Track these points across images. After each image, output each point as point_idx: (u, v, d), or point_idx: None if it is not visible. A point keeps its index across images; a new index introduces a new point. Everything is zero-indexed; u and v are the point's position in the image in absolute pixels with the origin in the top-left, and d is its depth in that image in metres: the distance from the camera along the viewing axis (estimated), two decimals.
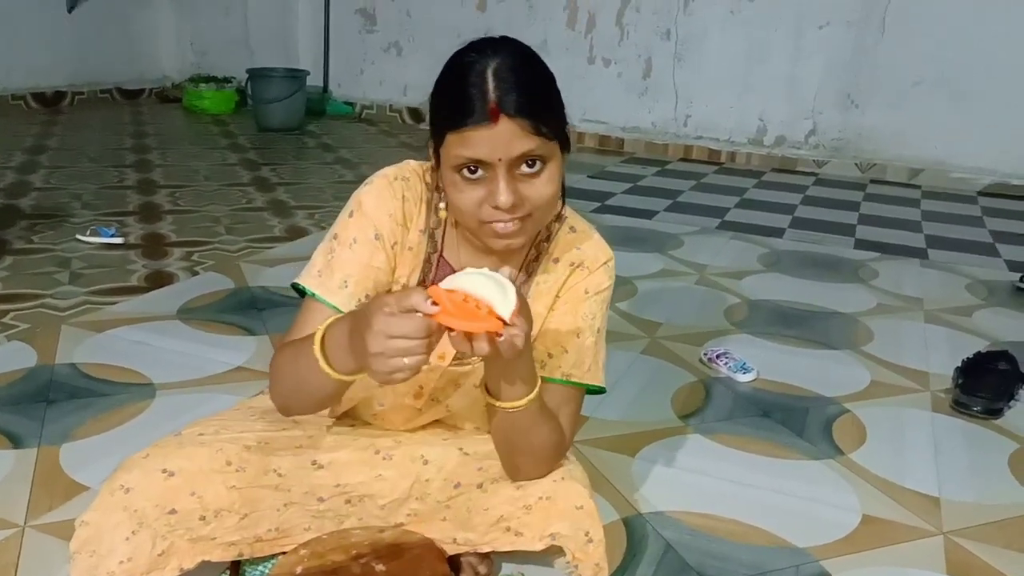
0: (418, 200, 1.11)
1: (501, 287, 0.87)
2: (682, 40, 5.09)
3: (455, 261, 1.13)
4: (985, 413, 1.92)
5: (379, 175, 1.12)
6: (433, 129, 1.01)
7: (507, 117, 0.94)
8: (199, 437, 1.12)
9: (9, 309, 2.17)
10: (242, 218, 3.20)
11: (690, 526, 1.45)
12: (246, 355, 1.99)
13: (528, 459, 1.10)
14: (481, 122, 0.94)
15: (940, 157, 4.73)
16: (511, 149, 0.95)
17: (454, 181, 0.99)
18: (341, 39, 5.92)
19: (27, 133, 4.57)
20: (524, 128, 0.95)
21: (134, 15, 5.89)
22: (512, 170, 0.97)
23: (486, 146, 0.94)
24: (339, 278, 1.08)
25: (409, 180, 1.11)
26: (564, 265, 1.15)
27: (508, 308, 0.87)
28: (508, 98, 0.94)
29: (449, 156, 0.97)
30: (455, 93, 0.96)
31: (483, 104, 0.94)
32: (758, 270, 2.98)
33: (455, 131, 0.95)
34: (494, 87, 0.94)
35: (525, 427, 1.06)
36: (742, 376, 2.04)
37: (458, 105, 0.95)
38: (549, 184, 1.00)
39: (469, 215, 0.99)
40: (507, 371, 1.01)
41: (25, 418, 1.65)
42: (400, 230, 1.10)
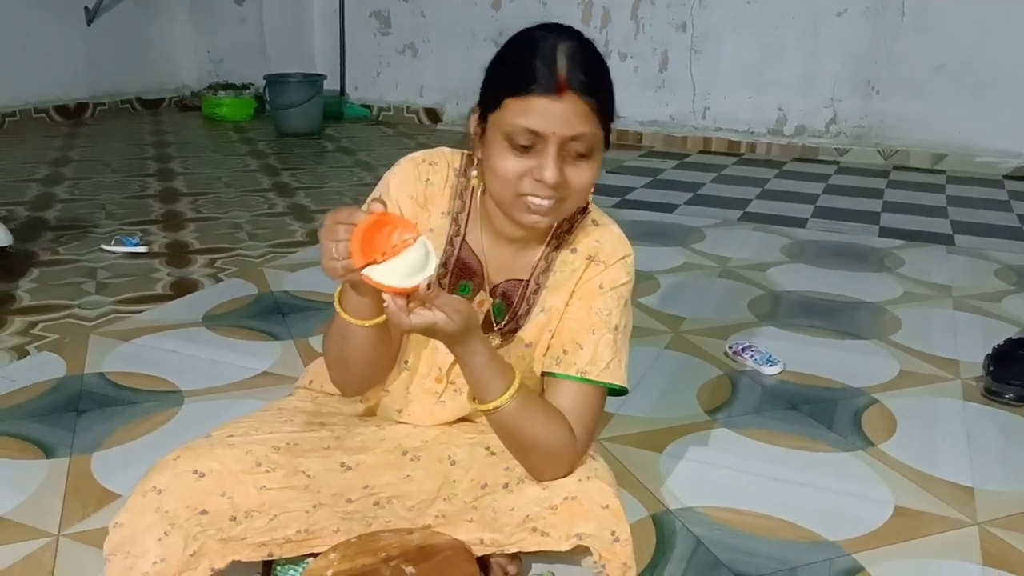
0: (443, 184, 1.14)
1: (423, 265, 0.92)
2: (698, 32, 5.06)
3: (477, 244, 1.14)
4: (1018, 400, 1.89)
5: (408, 158, 1.15)
6: (488, 94, 1.02)
7: (573, 94, 0.96)
8: (228, 439, 1.13)
9: (38, 320, 2.20)
10: (264, 224, 3.22)
11: (719, 521, 1.44)
12: (271, 360, 2.00)
13: (536, 457, 1.10)
14: (547, 92, 0.95)
15: (964, 141, 4.66)
16: (570, 127, 0.96)
17: (502, 148, 0.99)
18: (356, 42, 5.94)
19: (50, 146, 4.63)
20: (585, 109, 0.97)
21: (151, 26, 5.95)
22: (561, 149, 0.98)
23: (546, 118, 0.96)
24: None
25: (436, 164, 1.15)
26: (581, 257, 1.15)
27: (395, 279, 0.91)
28: (576, 76, 0.96)
29: (504, 122, 0.98)
30: (522, 61, 0.97)
31: (552, 75, 0.95)
32: (782, 261, 2.95)
33: (517, 96, 0.96)
34: (565, 63, 0.96)
35: (514, 426, 1.07)
36: (768, 369, 2.03)
37: (525, 72, 0.96)
38: (590, 173, 1.03)
39: (508, 184, 1.00)
40: (473, 372, 1.03)
41: (56, 428, 1.67)
42: (420, 212, 1.13)
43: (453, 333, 0.96)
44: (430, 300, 0.93)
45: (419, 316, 0.94)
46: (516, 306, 1.15)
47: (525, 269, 1.15)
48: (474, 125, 1.06)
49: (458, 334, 0.97)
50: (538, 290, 1.15)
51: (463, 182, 1.14)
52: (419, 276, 0.92)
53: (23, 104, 5.18)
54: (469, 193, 1.14)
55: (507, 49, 1.02)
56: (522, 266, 1.15)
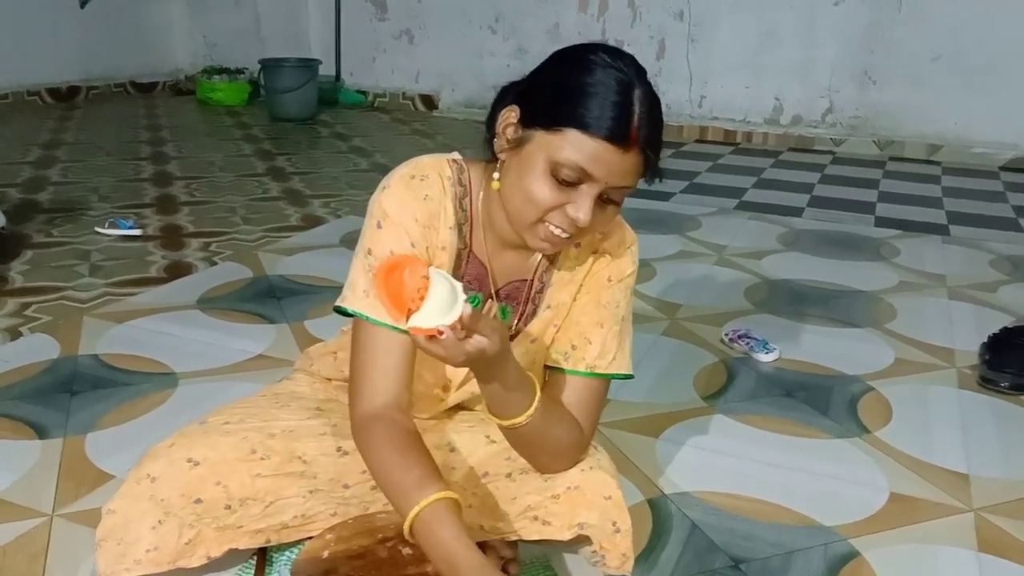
0: (442, 196, 1.07)
1: (453, 296, 0.89)
2: (695, 20, 5.04)
3: (483, 255, 1.11)
4: (1013, 389, 1.90)
5: (395, 177, 1.07)
6: (546, 111, 0.95)
7: (638, 148, 0.93)
8: (224, 426, 1.12)
9: (31, 302, 2.18)
10: (258, 208, 3.20)
11: (715, 506, 1.44)
12: (266, 343, 1.99)
13: (547, 457, 1.09)
14: (617, 141, 0.92)
15: (960, 133, 4.67)
16: (621, 178, 0.95)
17: (543, 173, 0.95)
18: (352, 27, 5.90)
19: (43, 128, 4.60)
20: (642, 165, 0.95)
21: (145, 9, 5.90)
22: (602, 193, 0.96)
23: (605, 166, 0.93)
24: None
25: (428, 178, 1.07)
26: (587, 251, 1.13)
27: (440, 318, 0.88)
28: (646, 132, 0.93)
29: (558, 152, 0.93)
30: (598, 98, 0.92)
31: (626, 126, 0.92)
32: (777, 250, 2.95)
33: (583, 133, 0.92)
34: (640, 115, 0.93)
35: (533, 437, 1.05)
36: (764, 356, 2.03)
37: (600, 112, 0.92)
38: (613, 214, 1.01)
39: (535, 210, 0.96)
40: (501, 391, 1.00)
41: (50, 409, 1.66)
42: (428, 232, 1.06)
43: (496, 354, 0.93)
44: (474, 326, 0.89)
45: (472, 343, 0.90)
46: (522, 307, 1.14)
47: (528, 270, 1.13)
48: (508, 124, 1.00)
49: (499, 356, 0.94)
50: (542, 288, 1.14)
51: (461, 191, 1.09)
52: (457, 306, 0.89)
53: (15, 86, 5.14)
54: (469, 202, 1.10)
55: (574, 71, 0.95)
56: (526, 267, 1.13)
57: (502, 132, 1.01)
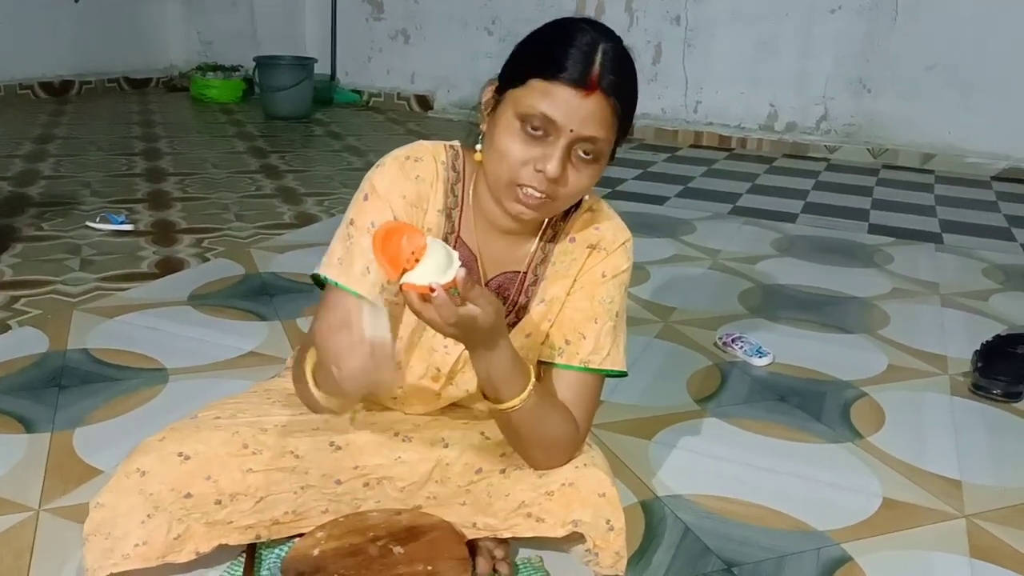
0: (434, 179, 1.09)
1: (449, 260, 0.90)
2: (692, 26, 5.05)
3: (472, 242, 1.11)
4: (1005, 396, 1.90)
5: (391, 156, 1.09)
6: (513, 69, 0.98)
7: (601, 93, 0.93)
8: (215, 420, 1.10)
9: (21, 295, 2.16)
10: (251, 205, 3.18)
11: (708, 509, 1.43)
12: (257, 340, 1.98)
13: (540, 451, 1.08)
14: (576, 83, 0.92)
15: (953, 142, 4.69)
16: (587, 126, 0.94)
17: (511, 128, 0.96)
18: (348, 27, 5.89)
19: (35, 122, 4.57)
20: (607, 112, 0.94)
21: (141, 4, 5.88)
22: (571, 147, 0.95)
23: (567, 111, 0.93)
24: (360, 265, 1.05)
25: (422, 160, 1.09)
26: (581, 246, 1.13)
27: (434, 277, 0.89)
28: (609, 76, 0.93)
29: (522, 101, 0.95)
30: (559, 47, 0.94)
31: (586, 69, 0.93)
32: (771, 255, 2.95)
33: (545, 80, 0.93)
34: (601, 61, 0.93)
35: (527, 425, 1.04)
36: (758, 360, 2.02)
37: (559, 58, 0.93)
38: (590, 180, 1.00)
39: (508, 168, 0.97)
40: (496, 371, 0.99)
41: (38, 403, 1.64)
42: (415, 212, 1.07)
43: (488, 327, 0.93)
44: (467, 292, 0.90)
45: (465, 308, 0.90)
46: (514, 298, 1.13)
47: (520, 261, 1.13)
48: (488, 96, 1.02)
49: (491, 329, 0.94)
50: (536, 281, 1.13)
51: (453, 175, 1.10)
52: (451, 270, 0.90)
53: (8, 80, 5.10)
54: (461, 187, 1.10)
55: (545, 30, 0.98)
56: (517, 258, 1.13)
57: (483, 105, 1.03)
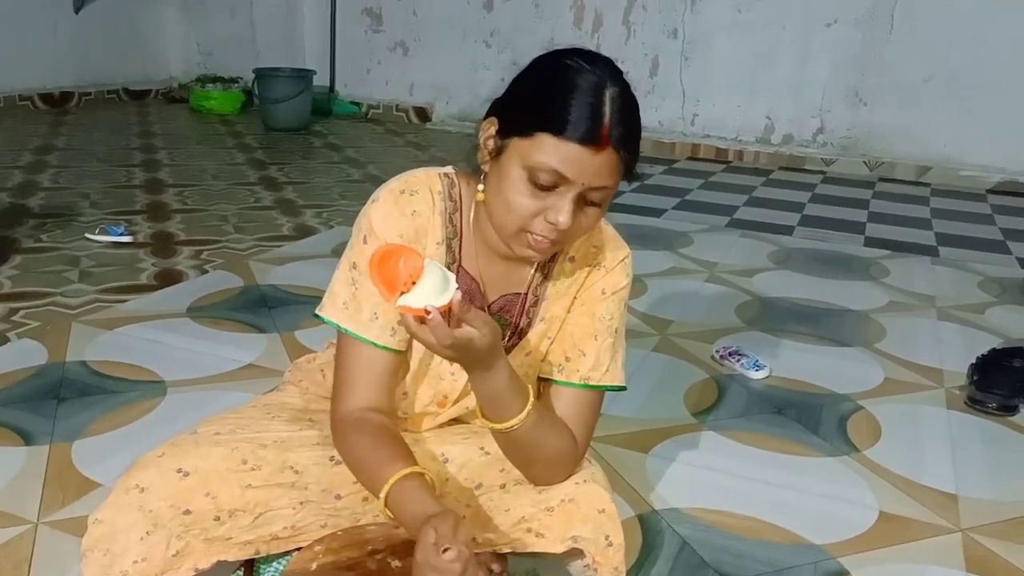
0: (431, 212, 1.08)
1: (445, 283, 0.90)
2: (689, 39, 5.08)
3: (474, 269, 1.11)
4: (1000, 410, 1.91)
5: (385, 190, 1.08)
6: (518, 118, 0.96)
7: (611, 149, 0.93)
8: (215, 436, 1.10)
9: (20, 307, 2.17)
10: (250, 217, 3.19)
11: (705, 523, 1.44)
12: (256, 353, 1.98)
13: (540, 468, 1.09)
14: (588, 142, 0.91)
15: (949, 155, 4.71)
16: (598, 179, 0.94)
17: (520, 180, 0.95)
18: (347, 39, 5.91)
19: (35, 133, 4.58)
20: (617, 164, 0.94)
21: (141, 16, 5.90)
22: (580, 195, 0.95)
23: (578, 167, 0.92)
24: (368, 311, 1.05)
25: (418, 193, 1.07)
26: (581, 265, 1.13)
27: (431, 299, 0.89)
28: (619, 130, 0.93)
29: (531, 156, 0.93)
30: (566, 98, 0.92)
31: (597, 126, 0.91)
32: (768, 268, 2.96)
33: (554, 135, 0.92)
34: (611, 114, 0.92)
35: (526, 443, 1.04)
36: (755, 373, 2.03)
37: (568, 113, 0.92)
38: (597, 218, 1.01)
39: (516, 218, 0.97)
40: (494, 392, 1.00)
41: (37, 415, 1.64)
42: (414, 247, 1.05)
43: (485, 348, 0.93)
44: (464, 315, 0.90)
45: (460, 331, 0.90)
46: (516, 319, 1.14)
47: (521, 283, 1.13)
48: (488, 136, 1.00)
49: (488, 350, 0.94)
50: (537, 302, 1.13)
51: (451, 205, 1.09)
52: (447, 293, 0.90)
53: (8, 91, 5.12)
54: (459, 216, 1.10)
55: (547, 76, 0.96)
56: (518, 280, 1.13)
57: (483, 144, 1.02)
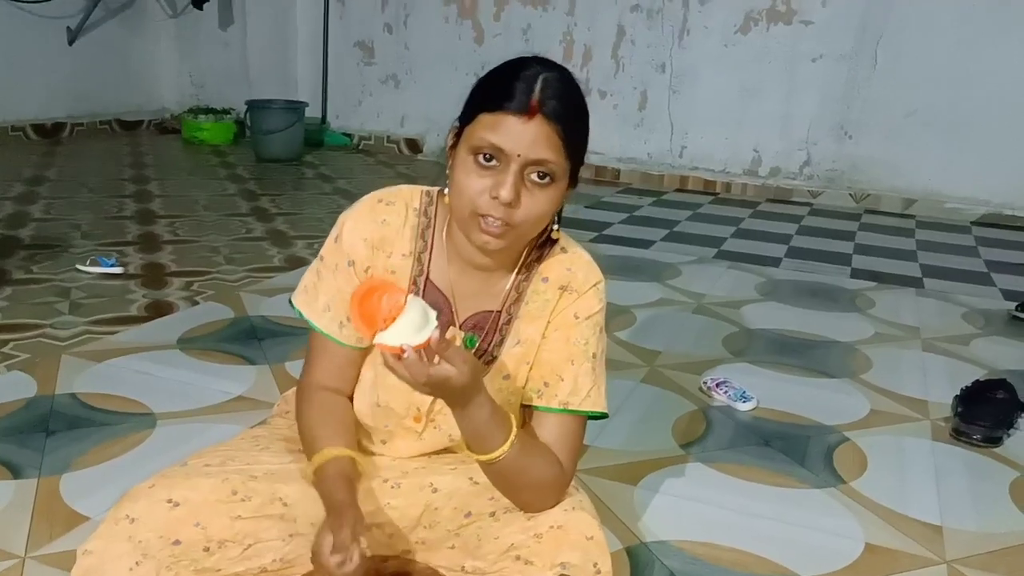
0: (401, 224, 1.13)
1: (425, 320, 0.94)
2: (677, 73, 5.16)
3: (443, 281, 1.14)
4: (985, 441, 1.93)
5: (367, 196, 1.16)
6: (465, 112, 1.04)
7: (543, 118, 0.98)
8: (205, 468, 1.11)
9: (9, 339, 2.17)
10: (241, 248, 3.21)
11: (693, 555, 1.44)
12: (246, 385, 1.99)
13: (528, 495, 1.10)
14: (518, 111, 0.98)
15: (934, 187, 4.78)
16: (533, 150, 0.99)
17: (466, 163, 1.01)
18: (340, 71, 5.98)
19: (26, 164, 4.59)
20: (552, 135, 0.99)
21: (133, 48, 5.95)
22: (523, 172, 1.00)
23: (512, 138, 0.98)
24: (323, 302, 1.16)
25: (394, 204, 1.14)
26: (554, 287, 1.15)
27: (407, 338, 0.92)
28: (550, 103, 0.99)
29: (473, 136, 1.00)
30: (502, 81, 1.01)
31: (526, 97, 0.98)
32: (755, 299, 2.99)
33: (489, 112, 0.99)
34: (540, 88, 0.99)
35: (513, 472, 1.06)
36: (742, 405, 2.05)
37: (501, 90, 0.99)
38: (547, 203, 1.03)
39: (467, 200, 1.02)
40: (475, 426, 1.02)
41: (25, 448, 1.64)
42: (377, 253, 1.13)
43: (463, 386, 0.96)
44: (442, 353, 0.93)
45: (437, 369, 0.94)
46: (489, 336, 1.16)
47: (495, 299, 1.15)
48: (451, 140, 1.08)
49: (467, 387, 0.97)
50: (510, 320, 1.15)
51: (424, 221, 1.14)
52: (426, 331, 0.92)
53: (0, 121, 5.14)
54: (431, 232, 1.14)
55: (491, 71, 1.05)
56: (492, 296, 1.15)
57: (448, 150, 1.09)
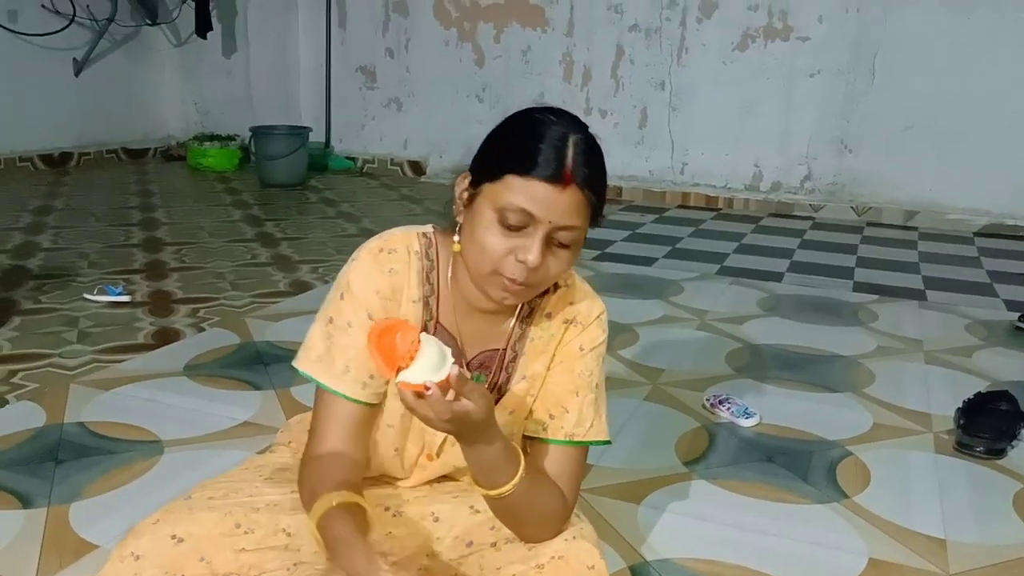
0: (407, 271, 1.12)
1: (442, 358, 0.94)
2: (676, 91, 5.20)
3: (452, 326, 1.15)
4: (988, 454, 1.93)
5: (364, 249, 1.13)
6: (488, 165, 1.02)
7: (576, 187, 0.98)
8: (209, 501, 1.12)
9: (18, 369, 2.19)
10: (247, 274, 3.24)
11: (697, 573, 1.45)
12: (252, 410, 2.01)
13: (531, 527, 1.11)
14: (552, 179, 0.97)
15: (935, 199, 4.79)
16: (564, 217, 0.99)
17: (491, 223, 1.00)
18: (342, 96, 6.04)
19: (34, 194, 4.65)
20: (583, 203, 0.99)
21: (139, 77, 6.03)
22: (548, 236, 1.00)
23: (545, 205, 0.98)
24: (340, 364, 1.10)
25: (396, 251, 1.12)
26: (558, 322, 1.16)
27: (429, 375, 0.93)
28: (582, 170, 0.98)
29: (500, 197, 0.99)
30: (531, 142, 0.99)
31: (560, 164, 0.97)
32: (758, 314, 3.00)
33: (521, 176, 0.98)
34: (573, 154, 0.98)
35: (519, 506, 1.07)
36: (745, 421, 2.06)
37: (534, 154, 0.98)
38: (567, 263, 1.05)
39: (490, 260, 1.01)
40: (486, 461, 1.03)
41: (35, 478, 1.66)
42: (390, 304, 1.11)
43: (480, 422, 0.97)
44: (460, 389, 0.94)
45: (458, 404, 0.94)
46: (496, 374, 1.17)
47: (500, 338, 1.16)
48: (462, 189, 1.07)
49: (483, 423, 0.98)
50: (515, 358, 1.17)
51: (428, 264, 1.13)
52: (445, 368, 0.93)
53: (8, 152, 5.20)
54: (436, 275, 1.14)
55: (514, 125, 1.03)
56: (496, 335, 1.16)
57: (458, 197, 1.08)
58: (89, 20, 5.49)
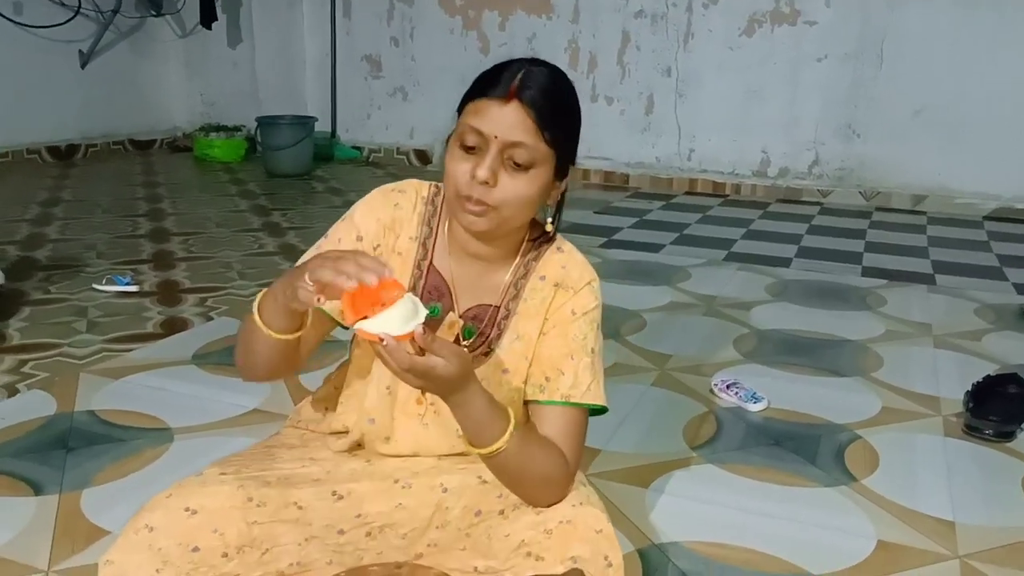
0: (411, 210, 1.20)
1: (415, 312, 0.95)
2: (682, 77, 5.17)
3: (445, 269, 1.19)
4: (997, 436, 1.93)
5: (380, 188, 1.23)
6: (461, 104, 1.12)
7: (519, 102, 1.05)
8: (220, 476, 1.14)
9: (28, 359, 2.21)
10: (254, 263, 3.24)
11: (705, 556, 1.45)
12: (261, 398, 2.02)
13: (533, 489, 1.12)
14: (497, 97, 1.05)
15: (944, 183, 4.76)
16: (509, 132, 1.05)
17: (453, 150, 1.09)
18: (348, 85, 6.03)
19: (42, 186, 4.66)
20: (527, 119, 1.05)
21: (145, 69, 6.03)
22: (502, 155, 1.06)
23: (490, 121, 1.05)
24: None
25: (405, 192, 1.22)
26: (549, 284, 1.20)
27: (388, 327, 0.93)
28: (528, 91, 1.05)
29: (460, 123, 1.09)
30: (488, 75, 1.09)
31: (506, 85, 1.06)
32: (766, 300, 2.99)
33: (472, 101, 1.07)
34: (521, 78, 1.06)
35: (515, 465, 1.08)
36: (752, 405, 2.05)
37: (485, 82, 1.08)
38: (528, 187, 1.08)
39: (452, 182, 1.09)
40: (470, 417, 1.05)
41: (46, 466, 1.67)
42: (388, 234, 1.19)
43: (450, 377, 0.98)
44: (427, 346, 0.95)
45: (423, 359, 0.95)
46: (486, 329, 1.19)
47: (494, 294, 1.19)
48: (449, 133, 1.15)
49: (455, 379, 0.99)
50: (508, 316, 1.19)
51: (430, 209, 1.21)
52: (412, 323, 0.94)
53: (15, 145, 5.21)
54: (437, 220, 1.20)
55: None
56: (491, 291, 1.19)
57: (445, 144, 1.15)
58: (94, 12, 5.49)
